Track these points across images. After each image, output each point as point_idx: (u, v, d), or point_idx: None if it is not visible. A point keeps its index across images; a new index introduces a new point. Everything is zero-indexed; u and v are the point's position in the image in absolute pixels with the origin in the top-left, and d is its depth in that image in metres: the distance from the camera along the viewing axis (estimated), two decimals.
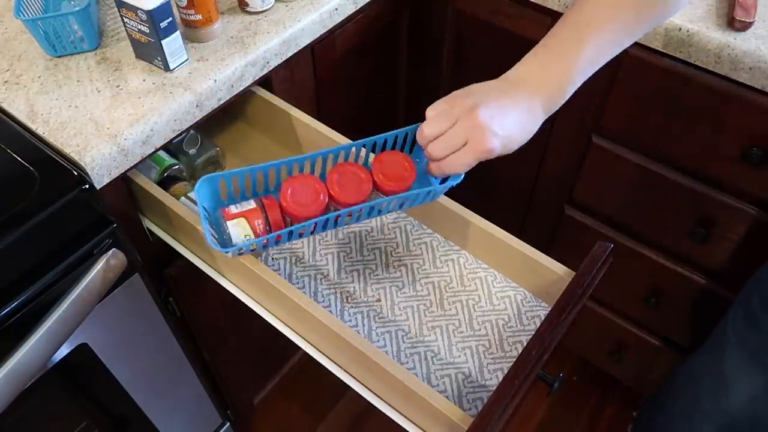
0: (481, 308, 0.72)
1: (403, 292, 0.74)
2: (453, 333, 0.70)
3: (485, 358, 0.68)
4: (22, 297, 0.63)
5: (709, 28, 0.81)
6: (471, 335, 0.70)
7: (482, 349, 0.69)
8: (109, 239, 0.69)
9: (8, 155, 0.68)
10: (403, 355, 0.69)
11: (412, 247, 0.78)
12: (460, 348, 0.69)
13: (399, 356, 0.69)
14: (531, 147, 0.67)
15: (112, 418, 0.91)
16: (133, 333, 0.84)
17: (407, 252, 0.77)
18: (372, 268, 0.76)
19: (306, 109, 0.86)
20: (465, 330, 0.71)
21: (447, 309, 0.72)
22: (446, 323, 0.71)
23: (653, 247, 1.09)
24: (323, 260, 0.76)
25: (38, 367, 0.65)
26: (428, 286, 0.75)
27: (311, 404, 1.44)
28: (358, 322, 0.71)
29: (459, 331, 0.71)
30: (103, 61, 0.79)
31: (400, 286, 0.74)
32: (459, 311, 0.72)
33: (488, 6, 1.03)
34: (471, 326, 0.71)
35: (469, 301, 0.73)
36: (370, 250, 0.78)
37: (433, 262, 0.76)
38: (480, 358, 0.68)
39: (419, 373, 0.67)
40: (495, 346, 0.69)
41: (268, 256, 0.77)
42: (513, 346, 0.69)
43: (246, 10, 0.86)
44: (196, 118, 0.77)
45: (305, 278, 0.75)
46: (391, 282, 0.75)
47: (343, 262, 0.76)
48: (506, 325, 0.71)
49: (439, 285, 0.74)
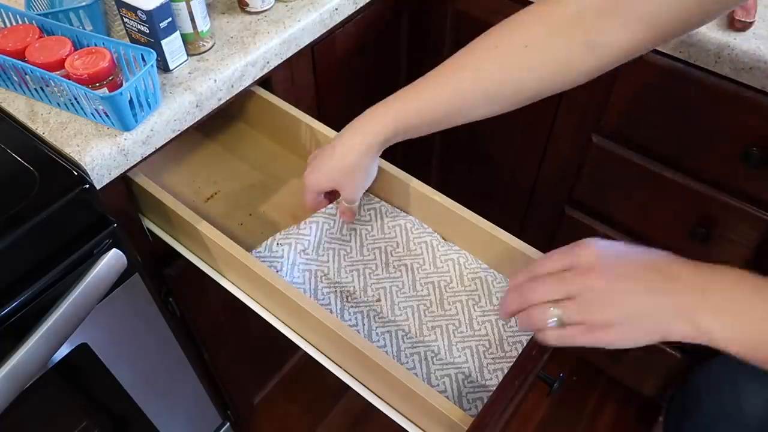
0: (481, 308, 0.72)
1: (403, 292, 0.74)
2: (453, 333, 0.70)
3: (485, 358, 0.68)
4: (22, 297, 0.63)
5: (709, 28, 0.81)
6: (471, 335, 0.70)
7: (482, 349, 0.69)
8: (109, 239, 0.69)
9: (8, 155, 0.68)
10: (403, 355, 0.69)
11: (412, 246, 0.78)
12: (460, 348, 0.69)
13: (399, 356, 0.69)
14: (531, 147, 0.67)
15: (112, 418, 0.91)
16: (133, 333, 0.84)
17: (407, 251, 0.77)
18: (372, 267, 0.76)
19: (306, 109, 0.86)
20: (465, 330, 0.71)
21: (447, 309, 0.72)
22: (446, 323, 0.71)
23: (653, 247, 1.09)
24: (324, 256, 0.76)
25: (38, 367, 0.65)
26: (428, 286, 0.75)
27: (311, 404, 1.44)
28: (358, 321, 0.71)
29: (459, 331, 0.71)
30: None
31: (400, 286, 0.74)
32: (459, 311, 0.72)
33: (488, 6, 1.02)
34: (471, 326, 0.71)
35: (469, 301, 0.73)
36: (370, 250, 0.78)
37: (433, 262, 0.76)
38: (480, 358, 0.68)
39: (419, 373, 0.67)
40: (495, 346, 0.69)
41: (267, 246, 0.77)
42: (513, 346, 0.69)
43: (246, 10, 0.86)
44: (196, 118, 0.77)
45: (306, 273, 0.75)
46: (392, 282, 0.75)
47: (343, 261, 0.77)
48: (506, 324, 0.71)
49: (439, 285, 0.75)
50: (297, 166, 0.89)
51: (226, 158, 0.91)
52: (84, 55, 0.68)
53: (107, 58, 0.68)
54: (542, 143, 1.11)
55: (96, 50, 0.69)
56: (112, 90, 0.68)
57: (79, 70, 0.67)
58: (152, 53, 0.69)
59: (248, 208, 0.84)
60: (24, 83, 0.72)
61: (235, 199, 0.85)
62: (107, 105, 0.67)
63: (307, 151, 0.86)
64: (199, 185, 0.87)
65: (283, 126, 0.87)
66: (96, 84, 0.68)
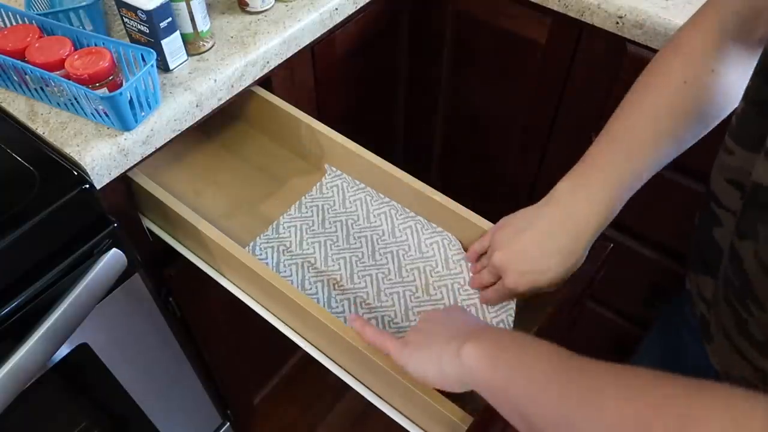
0: (467, 291, 0.72)
1: (389, 278, 0.74)
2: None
3: None
4: (23, 297, 0.63)
5: None
6: None
7: None
8: (109, 239, 0.69)
9: (8, 155, 0.68)
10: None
11: (397, 233, 0.78)
12: None
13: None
14: (531, 147, 0.67)
15: (112, 418, 0.91)
16: (133, 333, 0.84)
17: (393, 239, 0.77)
18: (359, 256, 0.76)
19: (306, 109, 0.86)
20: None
21: (432, 294, 0.72)
22: (431, 308, 0.71)
23: (653, 247, 1.09)
24: (309, 249, 0.77)
25: (38, 367, 0.65)
26: (414, 271, 0.75)
27: (311, 404, 1.44)
28: (345, 308, 0.71)
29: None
30: None
31: (386, 273, 0.74)
32: (444, 295, 0.72)
33: (488, 6, 1.02)
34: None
35: (454, 285, 0.73)
36: (356, 239, 0.78)
37: (418, 247, 0.76)
38: None
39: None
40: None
41: (255, 245, 0.77)
42: (499, 326, 0.69)
43: (246, 10, 0.86)
44: (196, 117, 0.77)
45: (293, 267, 0.75)
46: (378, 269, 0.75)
47: (330, 250, 0.77)
48: (491, 307, 0.70)
49: (424, 270, 0.74)
50: (297, 166, 0.89)
51: (226, 158, 0.91)
52: (84, 55, 0.68)
53: (107, 58, 0.68)
54: (542, 143, 1.11)
55: (96, 50, 0.69)
56: (112, 90, 0.68)
57: (79, 70, 0.67)
58: (152, 53, 0.69)
59: (248, 208, 0.84)
60: (24, 83, 0.72)
61: (235, 199, 0.85)
62: (107, 105, 0.67)
63: (307, 151, 0.86)
64: (199, 185, 0.87)
65: (283, 126, 0.87)
66: (96, 84, 0.68)
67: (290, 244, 0.77)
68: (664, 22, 0.83)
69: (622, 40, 0.89)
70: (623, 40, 0.89)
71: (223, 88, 0.79)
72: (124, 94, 0.67)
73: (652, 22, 0.84)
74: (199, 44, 0.79)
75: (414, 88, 1.25)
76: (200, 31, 0.78)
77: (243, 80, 0.81)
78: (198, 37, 0.78)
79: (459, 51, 1.15)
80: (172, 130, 0.75)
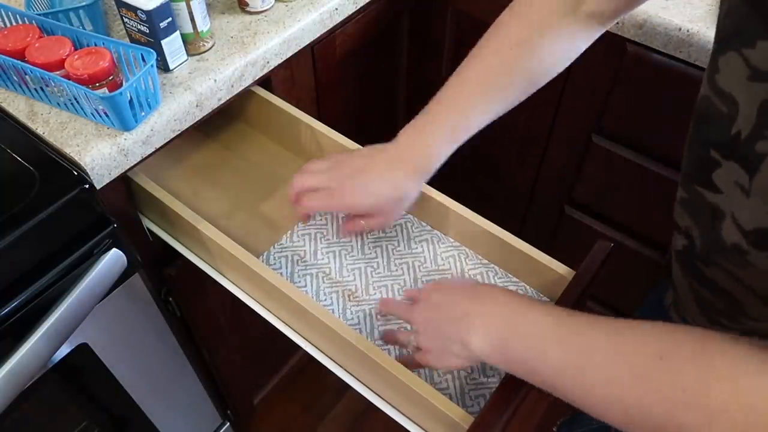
0: None
1: (405, 289, 0.74)
2: None
3: None
4: (23, 297, 0.63)
5: (709, 28, 0.81)
6: None
7: None
8: (109, 239, 0.69)
9: (8, 155, 0.68)
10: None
11: (413, 245, 0.78)
12: None
13: (401, 352, 0.68)
14: (531, 147, 0.67)
15: (112, 418, 0.91)
16: (133, 333, 0.84)
17: (409, 250, 0.77)
18: (374, 266, 0.76)
19: (306, 109, 0.86)
20: None
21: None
22: None
23: (653, 247, 1.09)
24: (324, 259, 0.76)
25: (38, 367, 0.65)
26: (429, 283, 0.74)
27: (311, 404, 1.44)
28: (360, 320, 0.71)
29: None
30: None
31: (402, 283, 0.74)
32: None
33: (488, 6, 1.02)
34: None
35: None
36: (371, 248, 0.78)
37: (434, 260, 0.76)
38: None
39: (422, 371, 0.67)
40: None
41: (269, 255, 0.77)
42: None
43: (246, 10, 0.86)
44: (196, 117, 0.77)
45: (306, 277, 0.75)
46: (393, 280, 0.75)
47: (345, 260, 0.77)
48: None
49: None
50: (297, 166, 0.88)
51: (226, 158, 0.91)
52: (84, 55, 0.68)
53: (107, 58, 0.68)
54: (542, 143, 1.11)
55: (96, 50, 0.69)
56: (112, 90, 0.68)
57: (79, 70, 0.67)
58: (152, 53, 0.69)
59: (248, 208, 0.84)
60: (24, 83, 0.72)
61: (235, 198, 0.85)
62: (107, 105, 0.67)
63: (308, 151, 0.86)
64: (199, 185, 0.87)
65: (283, 126, 0.87)
66: (96, 84, 0.68)
67: (305, 254, 0.77)
68: (664, 21, 0.83)
69: (622, 40, 0.89)
70: (623, 40, 0.89)
71: (223, 88, 0.79)
72: (124, 94, 0.67)
73: (651, 21, 0.84)
74: (199, 44, 0.79)
75: (414, 87, 1.25)
76: (200, 31, 0.78)
77: (243, 80, 0.81)
78: (198, 37, 0.78)
79: (459, 51, 1.15)
80: (172, 130, 0.75)
